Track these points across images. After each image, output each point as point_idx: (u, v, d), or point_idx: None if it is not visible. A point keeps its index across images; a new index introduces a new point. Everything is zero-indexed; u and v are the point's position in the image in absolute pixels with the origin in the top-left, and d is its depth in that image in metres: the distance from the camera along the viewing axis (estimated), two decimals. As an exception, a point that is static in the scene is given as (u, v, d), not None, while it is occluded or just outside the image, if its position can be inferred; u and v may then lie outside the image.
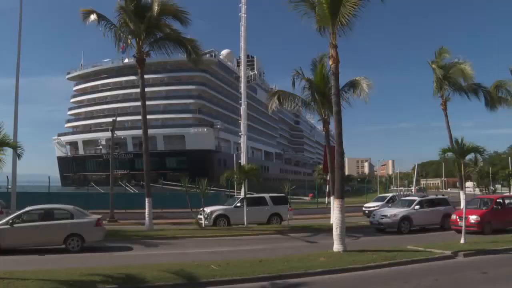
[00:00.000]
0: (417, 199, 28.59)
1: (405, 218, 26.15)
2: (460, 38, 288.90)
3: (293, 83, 29.54)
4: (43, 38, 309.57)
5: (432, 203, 28.42)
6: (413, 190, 66.36)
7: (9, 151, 13.53)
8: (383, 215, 27.07)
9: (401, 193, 44.48)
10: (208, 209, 29.25)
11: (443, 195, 32.36)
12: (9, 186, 29.29)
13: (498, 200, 26.15)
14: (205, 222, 28.40)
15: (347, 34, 18.51)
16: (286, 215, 30.50)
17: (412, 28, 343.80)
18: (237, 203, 30.58)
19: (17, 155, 14.58)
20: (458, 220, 23.62)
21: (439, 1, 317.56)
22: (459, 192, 37.17)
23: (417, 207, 27.01)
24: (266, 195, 31.85)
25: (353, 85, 28.00)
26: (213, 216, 29.23)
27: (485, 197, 30.44)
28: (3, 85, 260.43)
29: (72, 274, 12.20)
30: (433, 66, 35.59)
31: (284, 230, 26.84)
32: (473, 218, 23.50)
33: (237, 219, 29.38)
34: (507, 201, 26.52)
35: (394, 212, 26.77)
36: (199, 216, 28.81)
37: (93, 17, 26.35)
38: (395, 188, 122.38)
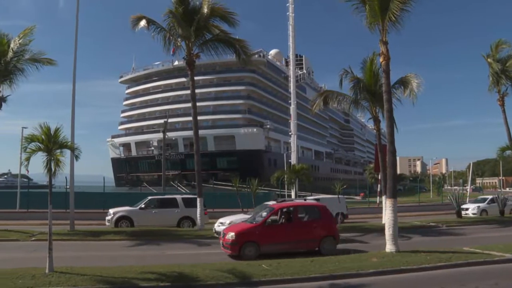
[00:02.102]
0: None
1: None
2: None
3: (341, 82, 29.21)
4: (97, 44, 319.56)
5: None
6: (468, 190, 64.14)
7: (67, 153, 14.03)
8: (221, 222, 23.12)
9: (456, 192, 42.90)
10: (111, 210, 27.82)
11: (317, 199, 24.84)
12: (67, 187, 30.31)
13: (283, 210, 18.56)
14: (107, 224, 27.07)
15: (398, 30, 18.19)
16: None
17: (464, 21, 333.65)
18: (142, 204, 28.02)
19: (74, 157, 15.08)
20: (221, 237, 18.10)
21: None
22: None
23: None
24: (178, 196, 29.41)
25: (403, 83, 27.43)
26: (115, 218, 27.02)
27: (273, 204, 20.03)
28: (59, 89, 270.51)
29: (127, 272, 12.54)
30: (489, 60, 34.40)
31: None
32: (229, 236, 16.95)
33: (142, 222, 26.84)
34: (301, 212, 18.77)
35: (234, 219, 22.55)
36: (106, 218, 27.38)
37: (142, 23, 26.81)
38: (449, 187, 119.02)
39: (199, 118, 30.64)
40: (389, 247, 16.68)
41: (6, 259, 15.97)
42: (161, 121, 61.58)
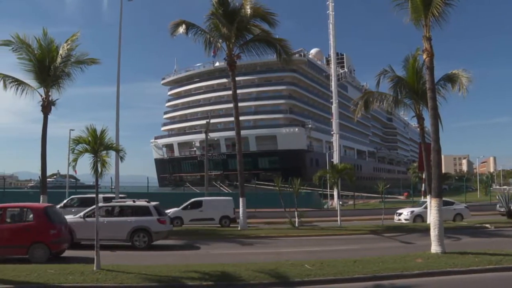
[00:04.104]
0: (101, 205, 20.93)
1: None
2: None
3: (378, 83, 28.94)
4: (139, 47, 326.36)
5: (119, 211, 20.83)
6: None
7: (112, 154, 14.39)
8: None
9: (505, 192, 41.17)
10: None
11: (147, 201, 21.50)
12: (113, 187, 31.05)
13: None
14: None
15: (442, 25, 17.77)
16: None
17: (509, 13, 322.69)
18: (62, 203, 26.88)
19: (119, 158, 15.45)
20: None
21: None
22: None
23: (87, 216, 19.97)
24: (100, 196, 25.91)
25: (450, 79, 26.82)
26: None
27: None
28: (104, 92, 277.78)
29: (171, 270, 12.75)
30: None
31: (379, 230, 26.22)
32: None
33: None
34: (8, 214, 16.74)
35: None
36: None
37: (181, 30, 27.34)
38: (497, 187, 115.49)
39: (240, 118, 30.85)
40: (434, 247, 16.29)
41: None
42: (203, 122, 62.24)
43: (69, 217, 19.67)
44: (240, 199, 27.15)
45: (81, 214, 20.35)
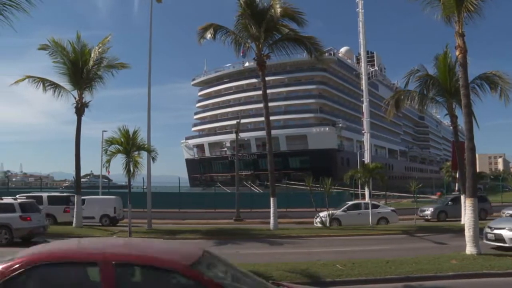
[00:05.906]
0: None
1: None
2: None
3: (407, 84, 28.50)
4: (169, 48, 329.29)
5: None
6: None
7: (144, 154, 14.59)
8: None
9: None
10: None
11: (15, 198, 21.38)
12: (145, 187, 31.44)
13: None
14: None
15: (475, 22, 17.37)
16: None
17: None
18: None
19: (151, 158, 15.64)
20: None
21: None
22: None
23: None
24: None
25: (489, 80, 26.07)
26: None
27: None
28: (136, 94, 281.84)
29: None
30: None
31: (411, 230, 25.86)
32: None
33: None
34: None
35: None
36: None
37: (209, 35, 27.56)
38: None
39: (271, 118, 30.87)
40: (469, 249, 15.92)
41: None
42: (234, 122, 62.43)
43: None
44: (271, 199, 27.10)
45: None
